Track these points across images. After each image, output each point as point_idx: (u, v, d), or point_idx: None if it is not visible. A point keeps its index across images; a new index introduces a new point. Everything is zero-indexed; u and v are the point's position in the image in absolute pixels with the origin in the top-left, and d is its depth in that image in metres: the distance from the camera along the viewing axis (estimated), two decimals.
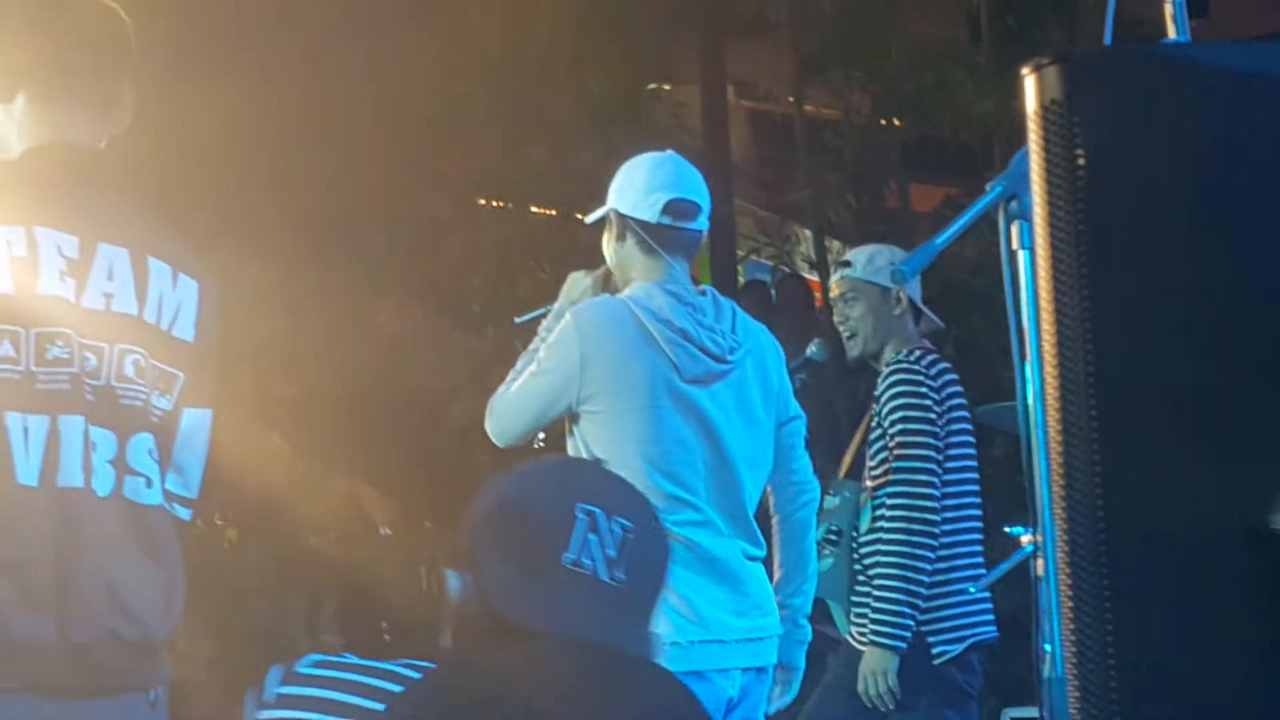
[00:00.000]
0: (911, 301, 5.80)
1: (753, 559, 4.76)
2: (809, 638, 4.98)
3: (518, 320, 5.48)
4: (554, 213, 12.17)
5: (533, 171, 12.23)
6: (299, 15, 12.39)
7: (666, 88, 12.57)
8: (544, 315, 5.07)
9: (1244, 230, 1.67)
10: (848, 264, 5.88)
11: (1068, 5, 9.81)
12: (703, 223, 4.79)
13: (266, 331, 13.33)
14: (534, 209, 12.32)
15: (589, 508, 2.18)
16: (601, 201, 4.89)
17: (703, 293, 4.76)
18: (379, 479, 13.59)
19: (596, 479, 2.32)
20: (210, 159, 12.63)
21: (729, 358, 4.67)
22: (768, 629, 4.75)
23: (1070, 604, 1.73)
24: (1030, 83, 1.69)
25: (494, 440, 4.85)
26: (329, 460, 13.14)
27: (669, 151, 4.95)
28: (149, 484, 3.40)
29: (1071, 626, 1.74)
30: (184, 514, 3.50)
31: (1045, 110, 1.70)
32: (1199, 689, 1.68)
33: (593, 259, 5.05)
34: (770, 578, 4.86)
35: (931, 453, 5.55)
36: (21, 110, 3.45)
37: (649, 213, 4.70)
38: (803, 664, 4.96)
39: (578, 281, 5.01)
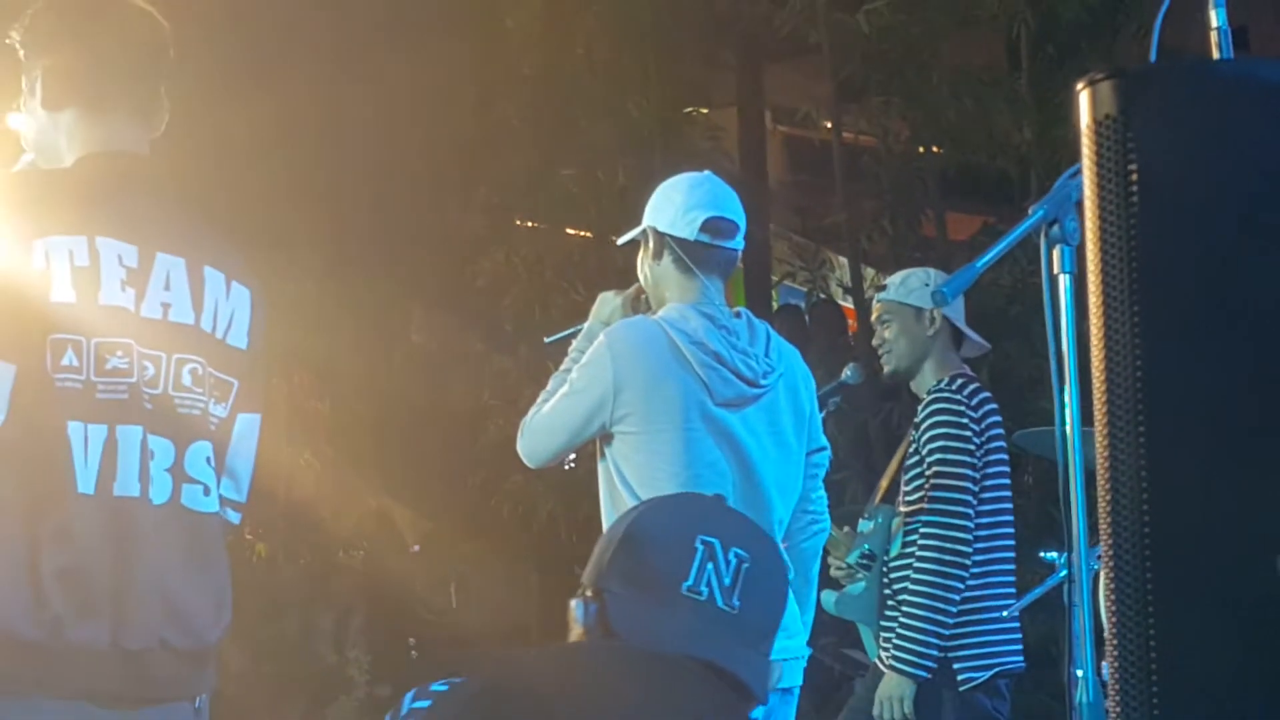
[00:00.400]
0: (952, 324, 5.80)
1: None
2: (806, 656, 4.94)
3: (548, 340, 5.47)
4: (588, 234, 12.18)
5: (567, 192, 12.24)
6: (337, 32, 12.44)
7: (704, 111, 12.57)
8: (574, 334, 5.06)
9: None
10: (884, 287, 5.91)
11: (1107, 35, 9.80)
12: (739, 242, 4.78)
13: (300, 346, 13.37)
14: (569, 230, 12.33)
15: (708, 539, 2.31)
16: (637, 224, 4.89)
17: (737, 315, 4.75)
18: (409, 496, 13.61)
19: (716, 512, 2.42)
20: (246, 173, 12.66)
21: (762, 381, 4.65)
22: (792, 650, 4.74)
23: (1114, 620, 1.72)
24: (1084, 97, 1.68)
25: (526, 461, 4.83)
26: (360, 477, 13.16)
27: (707, 172, 4.94)
28: (206, 491, 3.41)
29: (1114, 643, 1.73)
30: (234, 518, 3.53)
31: (1099, 125, 1.69)
32: (1242, 705, 1.68)
33: (626, 279, 5.04)
34: None
35: (968, 484, 5.54)
36: (71, 119, 3.47)
37: (687, 230, 4.69)
38: (799, 681, 4.92)
39: (607, 301, 5.00)
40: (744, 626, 2.33)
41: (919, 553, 5.53)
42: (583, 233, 12.25)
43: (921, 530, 5.54)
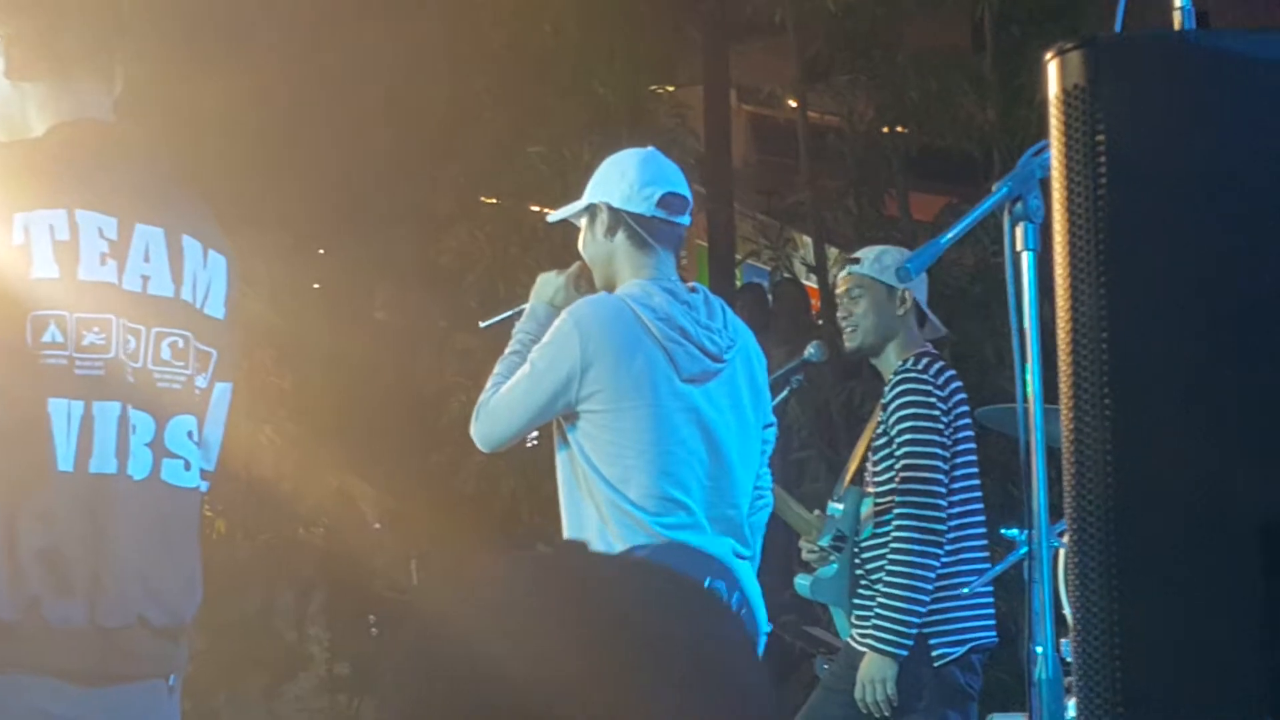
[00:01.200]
0: (916, 304, 5.80)
1: (743, 558, 4.76)
2: (766, 633, 4.94)
3: (483, 325, 5.45)
4: (553, 212, 12.14)
5: (534, 170, 12.22)
6: (304, 6, 12.39)
7: (670, 90, 12.56)
8: (514, 317, 5.05)
9: (1262, 217, 1.66)
10: (856, 261, 5.88)
11: (1072, 16, 9.80)
12: (689, 218, 4.80)
13: (261, 323, 13.33)
14: (534, 207, 12.31)
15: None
16: None
17: (693, 289, 4.74)
18: (371, 474, 13.58)
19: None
20: (210, 148, 12.61)
21: (725, 356, 4.65)
22: (760, 628, 4.76)
23: (1077, 597, 1.72)
24: (1052, 67, 1.68)
25: (481, 445, 4.77)
26: (321, 454, 13.14)
27: (651, 148, 4.94)
28: (187, 466, 3.40)
29: (1078, 621, 1.73)
30: (204, 486, 3.51)
31: (1067, 95, 1.68)
32: (1208, 680, 1.67)
33: None
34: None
35: (939, 463, 5.56)
36: (36, 88, 3.44)
37: (644, 206, 4.69)
38: None
39: (549, 282, 4.98)
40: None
41: (895, 534, 5.54)
42: (548, 210, 12.21)
43: (896, 512, 5.55)
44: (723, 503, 4.68)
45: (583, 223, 4.81)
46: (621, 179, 4.74)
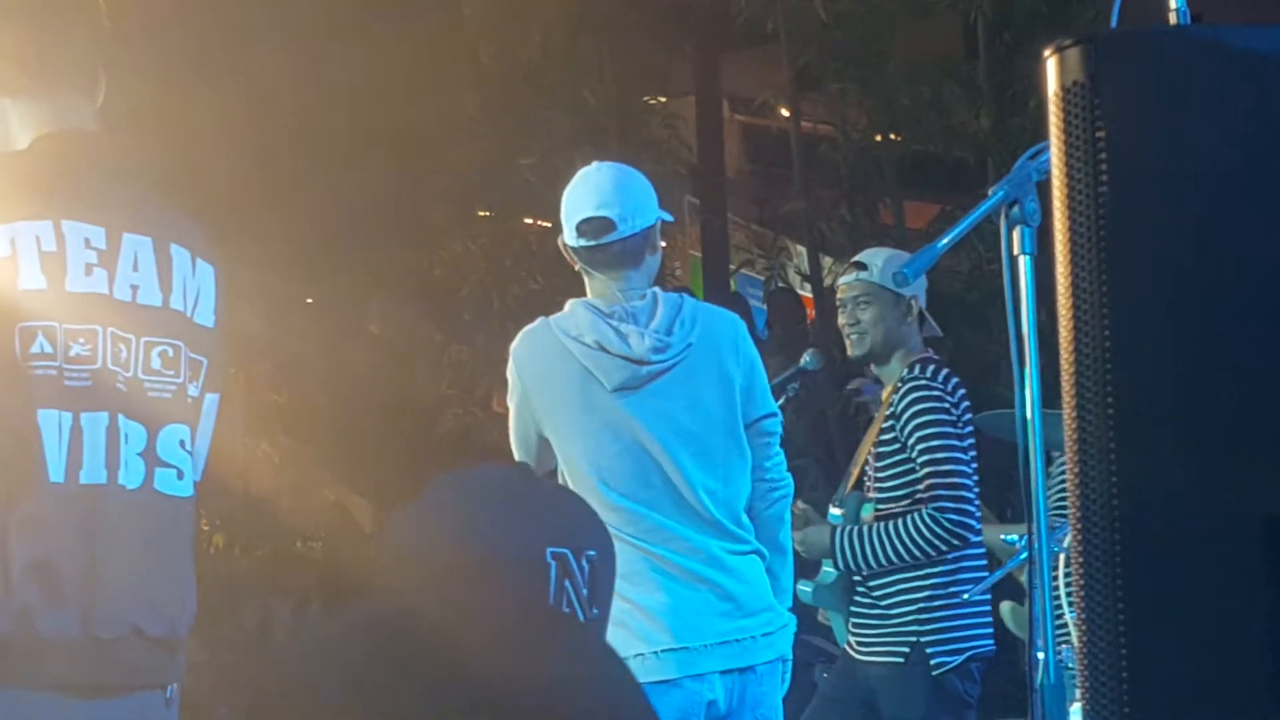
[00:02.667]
0: (920, 310, 5.77)
1: (735, 554, 4.75)
2: (793, 627, 4.94)
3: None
4: (546, 223, 12.16)
5: (525, 182, 12.22)
6: (297, 21, 12.39)
7: (661, 100, 12.57)
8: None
9: (1266, 216, 1.65)
10: (863, 266, 5.79)
11: (1064, 23, 9.80)
12: (629, 228, 4.73)
13: (258, 337, 13.32)
14: (526, 219, 12.31)
15: (559, 550, 2.04)
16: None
17: (643, 297, 4.75)
18: (367, 487, 13.57)
19: (556, 511, 2.14)
20: (205, 162, 12.59)
21: (652, 358, 4.65)
22: (751, 629, 4.73)
23: (1083, 602, 1.71)
24: (1051, 64, 1.67)
25: None
26: (318, 467, 13.13)
27: (592, 165, 4.95)
28: (180, 475, 3.38)
29: (1084, 625, 1.72)
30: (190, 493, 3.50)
31: (1066, 92, 1.67)
32: (1214, 685, 1.66)
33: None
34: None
35: (964, 467, 5.55)
36: (20, 100, 3.43)
37: (571, 237, 4.77)
38: (787, 651, 4.92)
39: None
40: (602, 629, 2.09)
41: (926, 538, 5.51)
42: (540, 222, 12.23)
43: (926, 518, 5.51)
44: (684, 503, 4.69)
45: None
46: (562, 213, 4.82)
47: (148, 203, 3.46)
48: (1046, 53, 1.66)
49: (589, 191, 4.76)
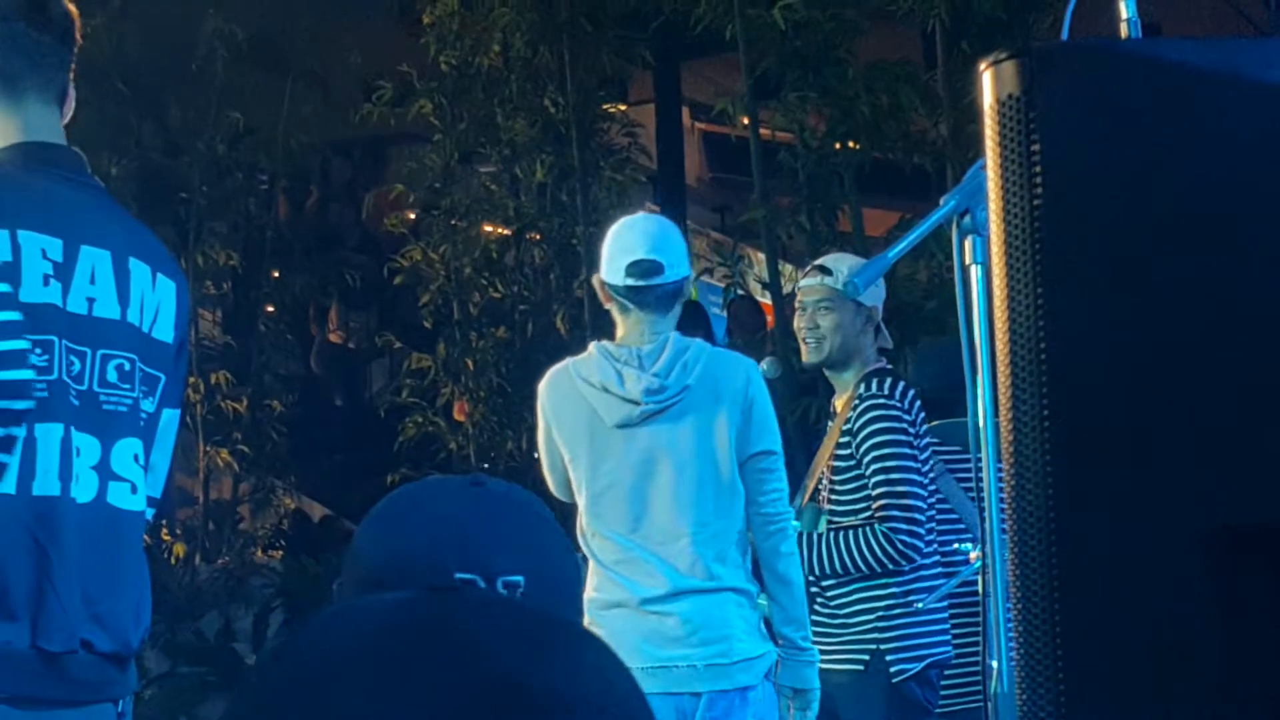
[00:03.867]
0: (878, 322, 5.75)
1: (703, 590, 4.87)
2: (815, 659, 5.08)
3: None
4: (506, 230, 12.17)
5: (485, 188, 12.23)
6: (254, 23, 12.40)
7: (622, 108, 12.58)
8: None
9: (1201, 228, 1.66)
10: (827, 271, 5.75)
11: (1021, 31, 9.83)
12: (673, 274, 4.98)
13: (218, 346, 13.31)
14: (486, 226, 12.31)
15: (466, 575, 1.87)
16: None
17: (652, 341, 4.98)
18: (328, 495, 13.56)
19: (471, 531, 1.96)
20: (164, 169, 12.60)
21: (645, 400, 4.89)
22: (694, 658, 4.86)
23: (1020, 615, 1.71)
24: (987, 77, 1.67)
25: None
26: (278, 476, 13.12)
27: (639, 214, 5.29)
28: (133, 490, 3.36)
29: (1021, 639, 1.72)
30: (149, 513, 3.48)
31: (1002, 104, 1.68)
32: (1151, 700, 1.67)
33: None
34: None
35: (918, 489, 5.53)
36: None
37: (615, 276, 4.97)
38: (813, 684, 5.05)
39: None
40: None
41: (874, 554, 5.51)
42: (500, 229, 12.24)
43: (880, 530, 5.51)
44: (661, 535, 4.91)
45: None
46: (604, 253, 5.05)
47: (107, 216, 3.45)
48: (982, 66, 1.67)
49: (640, 236, 5.03)
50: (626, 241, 5.01)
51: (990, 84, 1.62)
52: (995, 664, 3.56)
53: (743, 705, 4.92)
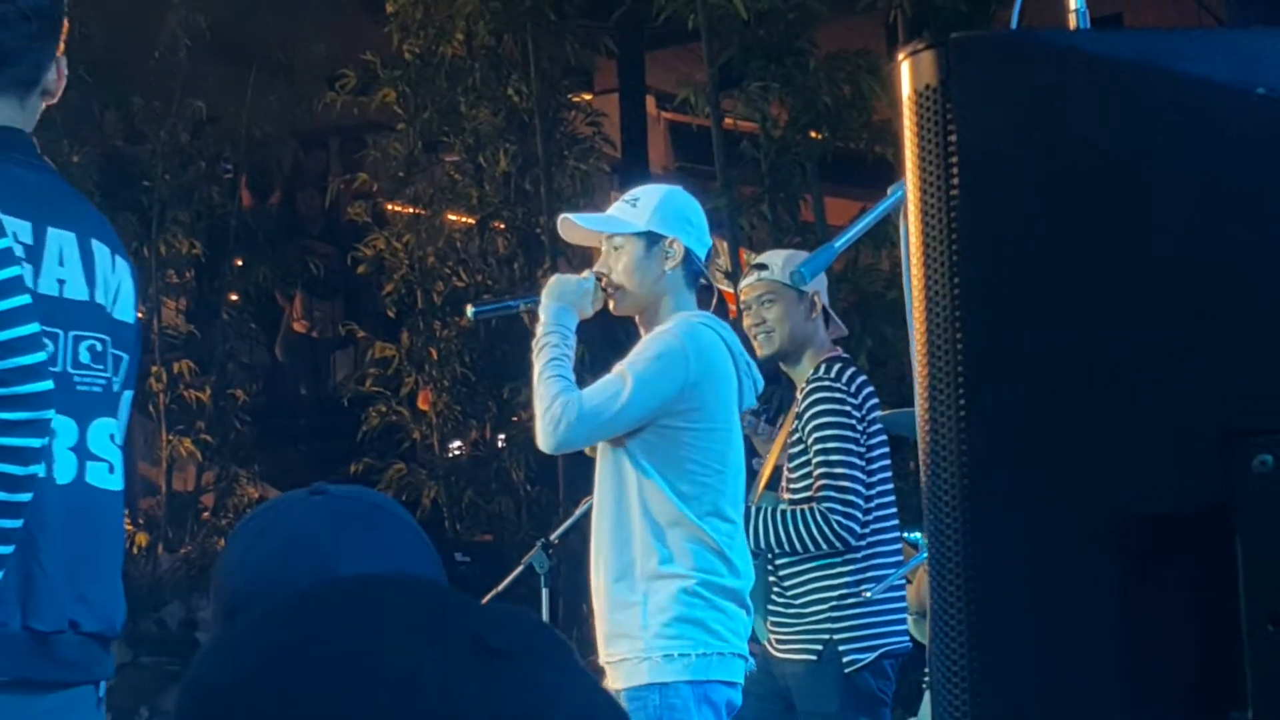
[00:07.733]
0: (824, 307, 5.79)
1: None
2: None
3: (475, 311, 5.35)
4: (470, 219, 12.16)
5: (449, 177, 12.22)
6: (214, 12, 12.38)
7: (586, 97, 12.58)
8: (506, 310, 5.21)
9: (1118, 220, 1.66)
10: (763, 266, 5.83)
11: (984, 21, 9.84)
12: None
13: (180, 334, 13.28)
14: (450, 215, 12.31)
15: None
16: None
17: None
18: (290, 484, 13.53)
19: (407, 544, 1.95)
20: (125, 158, 12.57)
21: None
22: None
23: (935, 604, 1.72)
24: (905, 68, 1.67)
25: (556, 448, 4.72)
26: (241, 465, 13.09)
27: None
28: (111, 469, 3.37)
29: (935, 628, 1.73)
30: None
31: (918, 96, 1.68)
32: (1062, 691, 1.67)
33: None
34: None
35: (857, 472, 5.54)
36: None
37: (702, 252, 4.86)
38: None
39: (572, 285, 4.87)
40: None
41: (810, 531, 5.52)
42: (464, 218, 12.23)
43: (818, 510, 5.52)
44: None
45: (632, 243, 4.79)
46: (695, 222, 4.87)
47: (68, 198, 3.46)
48: (900, 56, 1.67)
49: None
50: (707, 224, 4.97)
51: (909, 74, 1.61)
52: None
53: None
